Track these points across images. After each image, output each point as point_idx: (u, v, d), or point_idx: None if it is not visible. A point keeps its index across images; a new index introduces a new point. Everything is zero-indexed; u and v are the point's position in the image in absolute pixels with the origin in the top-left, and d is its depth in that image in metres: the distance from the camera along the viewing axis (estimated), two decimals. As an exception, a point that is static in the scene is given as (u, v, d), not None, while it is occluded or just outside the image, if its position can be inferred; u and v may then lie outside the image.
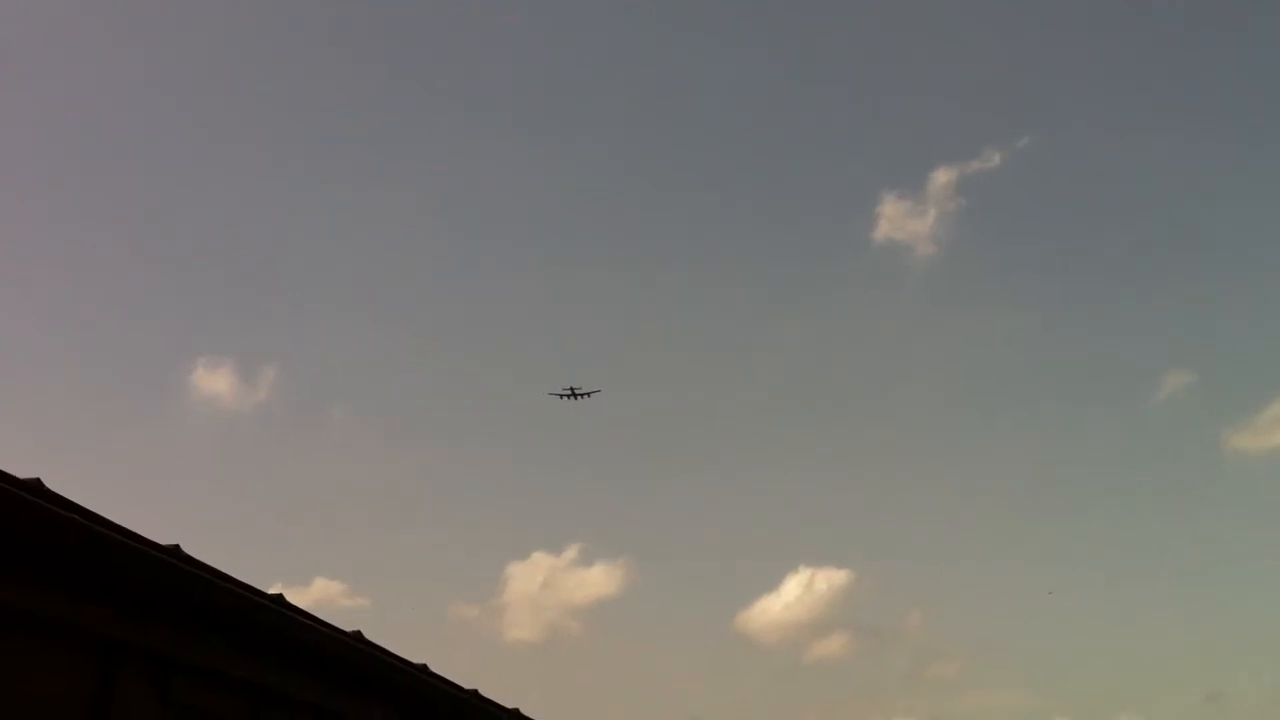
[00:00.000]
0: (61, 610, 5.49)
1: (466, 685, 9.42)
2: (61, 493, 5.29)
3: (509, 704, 10.34)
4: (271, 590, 7.01)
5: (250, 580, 6.78)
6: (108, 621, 5.72)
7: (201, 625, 6.27)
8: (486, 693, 9.75)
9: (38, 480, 5.13)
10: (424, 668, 8.43)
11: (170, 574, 5.82)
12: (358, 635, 7.56)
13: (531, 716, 10.51)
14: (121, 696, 5.86)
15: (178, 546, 6.11)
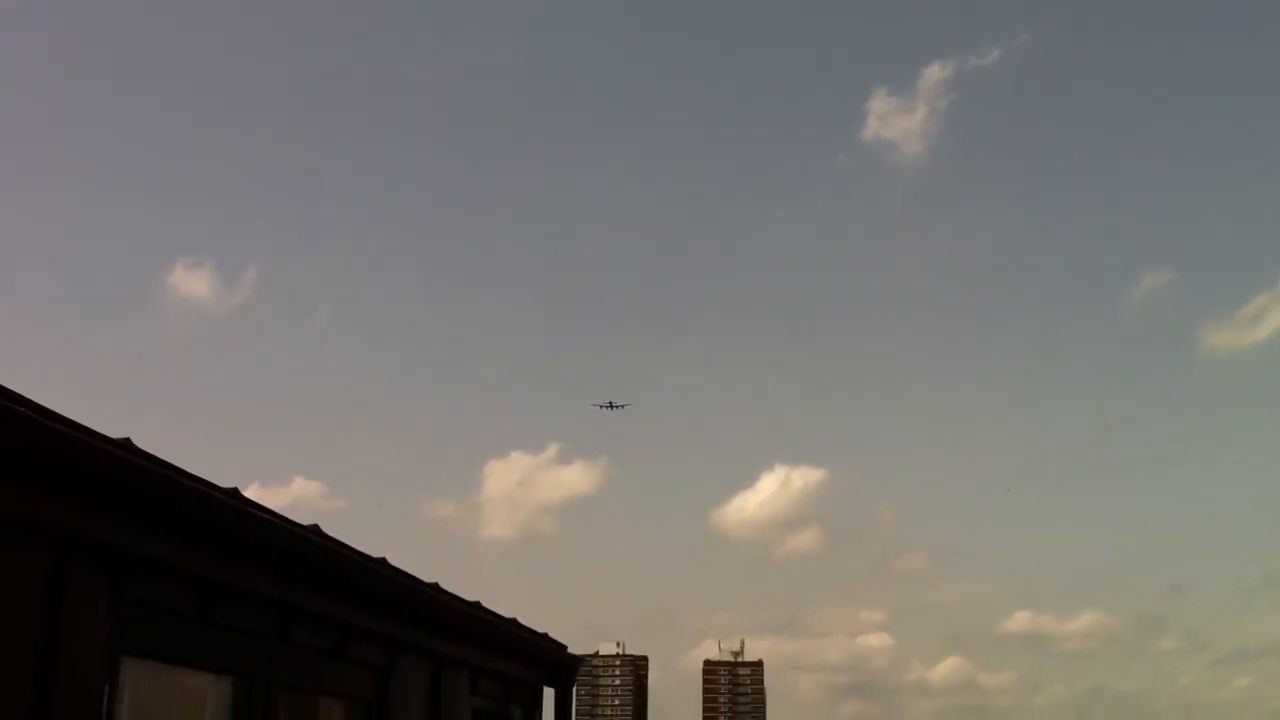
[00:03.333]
0: (11, 503, 5.39)
1: (453, 584, 9.48)
2: (18, 390, 5.17)
3: (472, 598, 10.39)
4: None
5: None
6: (59, 515, 5.61)
7: (154, 519, 6.15)
8: (449, 586, 9.78)
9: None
10: (383, 561, 8.41)
11: (120, 467, 5.70)
12: (315, 529, 7.50)
13: (493, 609, 10.57)
14: (74, 589, 5.77)
15: (129, 439, 6.00)
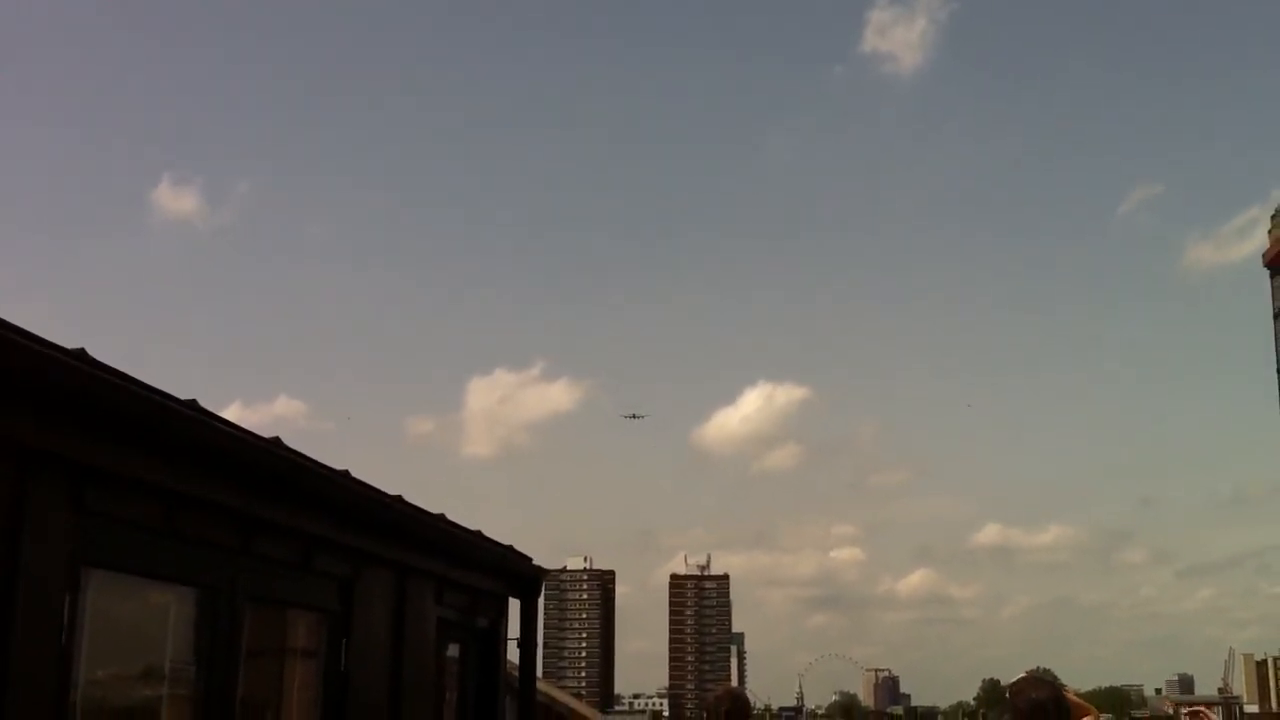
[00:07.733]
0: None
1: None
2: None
3: (448, 513, 10.43)
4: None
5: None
6: (16, 427, 5.56)
7: (113, 430, 6.11)
8: (424, 502, 9.82)
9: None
10: (346, 473, 8.42)
11: (72, 377, 5.65)
12: (276, 441, 7.49)
13: (459, 522, 10.62)
14: (35, 502, 5.74)
15: (83, 350, 5.94)
